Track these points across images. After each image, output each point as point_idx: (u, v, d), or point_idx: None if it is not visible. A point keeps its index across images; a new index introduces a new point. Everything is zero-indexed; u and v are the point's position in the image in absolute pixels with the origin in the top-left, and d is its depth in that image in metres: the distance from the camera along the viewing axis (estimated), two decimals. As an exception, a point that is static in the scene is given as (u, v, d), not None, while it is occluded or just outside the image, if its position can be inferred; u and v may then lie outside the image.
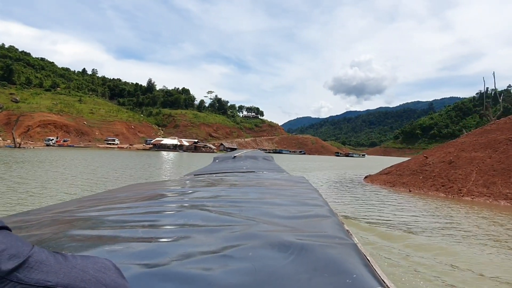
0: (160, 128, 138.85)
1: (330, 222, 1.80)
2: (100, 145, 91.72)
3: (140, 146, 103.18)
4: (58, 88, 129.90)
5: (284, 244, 1.37)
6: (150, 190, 3.36)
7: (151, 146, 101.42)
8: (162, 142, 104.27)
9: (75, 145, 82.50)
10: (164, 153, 78.03)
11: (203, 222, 1.80)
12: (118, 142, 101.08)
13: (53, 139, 79.32)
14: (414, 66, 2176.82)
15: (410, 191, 15.51)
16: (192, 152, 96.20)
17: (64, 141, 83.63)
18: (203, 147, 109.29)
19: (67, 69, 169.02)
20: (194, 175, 6.04)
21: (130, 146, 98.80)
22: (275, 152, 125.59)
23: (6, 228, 0.52)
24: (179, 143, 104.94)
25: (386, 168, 20.67)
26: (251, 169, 6.27)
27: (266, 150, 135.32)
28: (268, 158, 8.98)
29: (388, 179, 18.25)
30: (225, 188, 3.31)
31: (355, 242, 1.48)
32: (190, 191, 3.12)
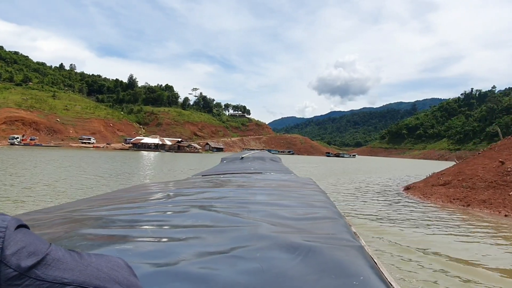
0: (141, 126, 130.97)
1: (337, 224, 1.80)
2: (74, 144, 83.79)
3: (119, 145, 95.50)
4: (30, 83, 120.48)
5: (291, 245, 1.38)
6: (159, 190, 3.41)
7: (131, 145, 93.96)
8: (142, 141, 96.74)
9: (43, 144, 74.30)
10: (144, 153, 71.21)
11: (211, 222, 1.82)
12: (94, 141, 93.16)
13: (18, 138, 71.05)
14: (397, 67, 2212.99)
15: (505, 215, 10.11)
16: (175, 152, 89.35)
17: (31, 139, 75.20)
18: (187, 146, 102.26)
19: (43, 64, 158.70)
20: (202, 175, 6.06)
21: (108, 145, 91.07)
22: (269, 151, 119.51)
23: (24, 226, 0.54)
24: (160, 142, 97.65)
25: (439, 177, 15.27)
26: (259, 170, 6.24)
27: (254, 150, 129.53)
28: (276, 160, 8.97)
29: (451, 193, 12.84)
30: (233, 189, 3.34)
31: (362, 244, 1.49)
32: (198, 192, 3.15)
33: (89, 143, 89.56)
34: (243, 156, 9.49)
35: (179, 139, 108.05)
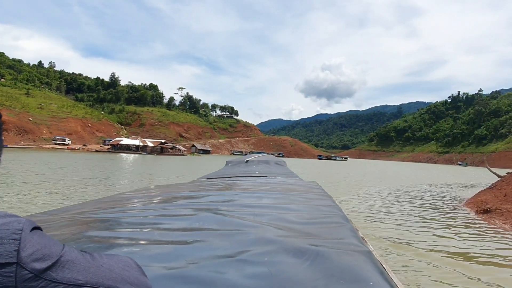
0: (123, 127, 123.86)
1: (344, 228, 1.79)
2: (45, 146, 76.49)
3: (97, 147, 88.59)
4: (3, 80, 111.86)
5: (299, 249, 1.37)
6: (165, 192, 3.44)
7: (109, 147, 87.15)
8: (121, 142, 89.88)
9: (9, 146, 66.87)
10: (123, 155, 64.91)
11: (218, 226, 1.82)
12: (70, 142, 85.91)
13: (-22, 138, 63.41)
14: (382, 71, 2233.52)
15: None
16: (158, 154, 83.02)
17: (-6, 140, 67.61)
18: (171, 148, 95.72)
19: (19, 61, 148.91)
20: (207, 178, 6.05)
21: (84, 147, 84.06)
22: (252, 154, 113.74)
23: (38, 228, 0.55)
24: (142, 144, 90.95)
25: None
26: (264, 174, 6.20)
27: (242, 152, 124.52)
28: (281, 163, 8.88)
29: None
30: (238, 193, 3.34)
31: (370, 249, 1.47)
32: (204, 195, 3.17)
33: (63, 144, 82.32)
34: (248, 159, 9.48)
35: (162, 141, 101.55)
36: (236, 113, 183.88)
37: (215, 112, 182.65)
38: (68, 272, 0.51)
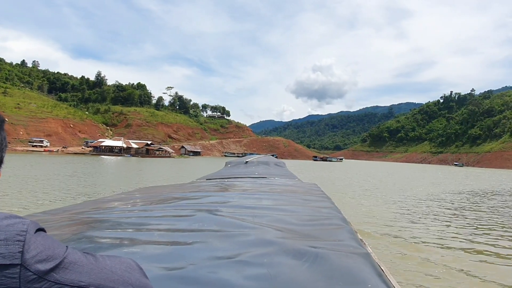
0: (108, 127, 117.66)
1: (344, 230, 1.80)
2: (20, 148, 70.41)
3: (78, 149, 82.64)
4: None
5: (299, 251, 1.37)
6: (164, 193, 3.46)
7: (91, 149, 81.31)
8: (104, 144, 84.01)
9: (-24, 148, 60.81)
10: (105, 158, 59.53)
11: (217, 227, 1.83)
12: (48, 144, 79.84)
13: None
14: (373, 72, 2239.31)
15: None
16: (142, 156, 77.58)
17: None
18: (157, 150, 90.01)
19: (0, 60, 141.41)
20: (207, 179, 6.02)
21: (63, 149, 78.13)
22: (244, 156, 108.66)
23: (42, 229, 0.55)
24: (125, 146, 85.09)
25: None
26: (263, 175, 6.20)
27: (234, 154, 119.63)
28: (280, 164, 8.93)
29: None
30: (238, 194, 3.40)
31: (369, 251, 1.49)
32: (203, 196, 3.21)
33: (40, 146, 76.29)
34: (247, 160, 9.46)
35: (148, 142, 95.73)
36: (228, 114, 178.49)
37: (206, 113, 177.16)
38: (71, 274, 0.51)
